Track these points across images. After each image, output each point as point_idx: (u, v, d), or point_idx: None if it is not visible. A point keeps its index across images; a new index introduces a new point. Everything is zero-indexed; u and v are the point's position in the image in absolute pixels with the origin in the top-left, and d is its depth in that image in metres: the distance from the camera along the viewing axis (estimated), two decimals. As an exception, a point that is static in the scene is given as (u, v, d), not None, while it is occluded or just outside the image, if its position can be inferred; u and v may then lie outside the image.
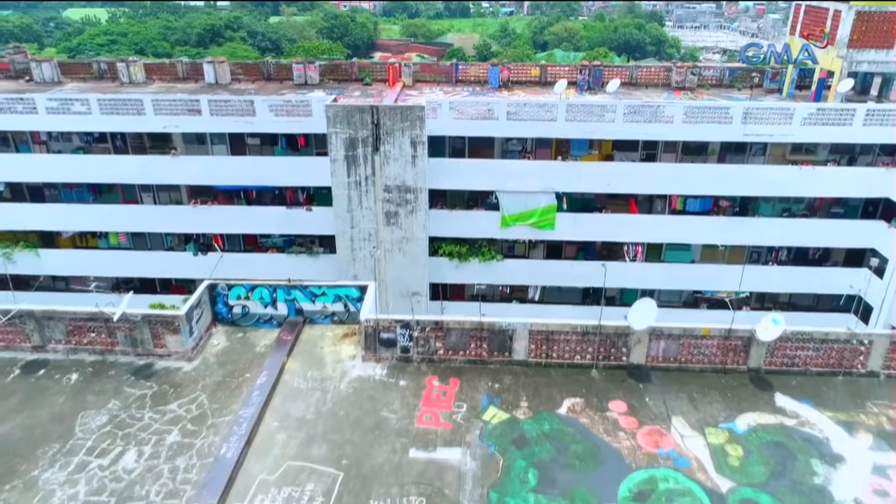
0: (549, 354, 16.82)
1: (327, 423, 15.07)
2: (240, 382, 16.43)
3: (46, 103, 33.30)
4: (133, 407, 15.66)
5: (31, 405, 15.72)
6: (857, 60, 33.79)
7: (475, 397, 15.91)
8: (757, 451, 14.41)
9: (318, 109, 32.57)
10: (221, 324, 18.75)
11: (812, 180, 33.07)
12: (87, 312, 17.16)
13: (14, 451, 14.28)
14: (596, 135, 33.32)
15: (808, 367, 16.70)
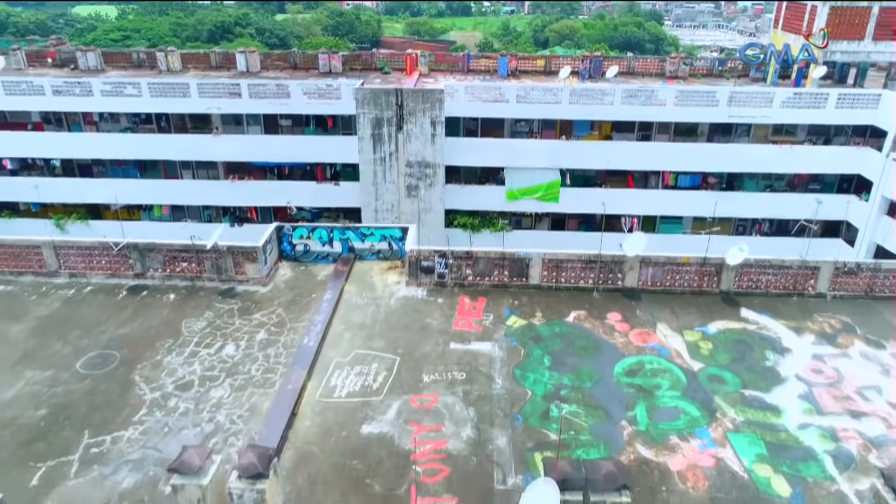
0: (559, 279, 20.89)
1: (383, 326, 19.11)
2: (308, 300, 20.46)
3: (101, 87, 37.33)
4: (225, 316, 19.68)
5: (143, 315, 19.72)
6: (832, 50, 37.92)
7: (499, 310, 19.95)
8: (723, 345, 18.45)
9: (347, 93, 36.66)
10: (286, 260, 22.78)
11: (791, 158, 37.16)
12: (181, 244, 21.21)
13: (138, 344, 18.27)
14: (596, 116, 37.45)
15: (769, 290, 20.77)
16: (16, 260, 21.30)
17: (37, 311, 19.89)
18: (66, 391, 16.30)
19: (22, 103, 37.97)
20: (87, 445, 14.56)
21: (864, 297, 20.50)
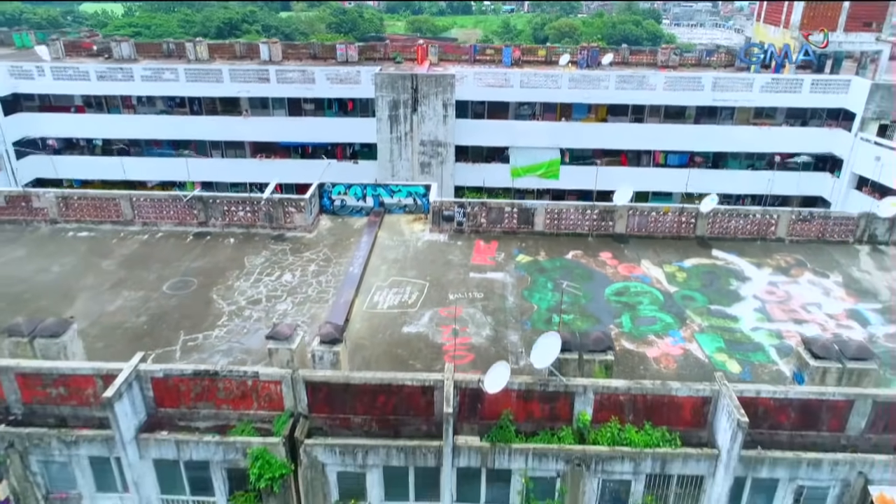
0: (559, 226, 24.85)
1: (413, 261, 23.05)
2: (348, 243, 24.39)
3: (142, 72, 41.31)
4: (279, 254, 23.60)
5: (210, 254, 23.64)
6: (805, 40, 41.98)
7: (509, 250, 23.90)
8: (695, 275, 22.42)
9: (366, 78, 40.68)
10: (325, 213, 26.72)
11: (770, 138, 41.25)
12: (239, 196, 25.16)
13: (210, 273, 22.16)
14: (593, 100, 41.51)
15: (737, 235, 24.74)
16: (97, 210, 25.24)
17: (119, 250, 23.85)
18: (159, 305, 20.26)
19: (69, 87, 41.91)
20: (184, 341, 18.51)
21: (816, 241, 24.53)
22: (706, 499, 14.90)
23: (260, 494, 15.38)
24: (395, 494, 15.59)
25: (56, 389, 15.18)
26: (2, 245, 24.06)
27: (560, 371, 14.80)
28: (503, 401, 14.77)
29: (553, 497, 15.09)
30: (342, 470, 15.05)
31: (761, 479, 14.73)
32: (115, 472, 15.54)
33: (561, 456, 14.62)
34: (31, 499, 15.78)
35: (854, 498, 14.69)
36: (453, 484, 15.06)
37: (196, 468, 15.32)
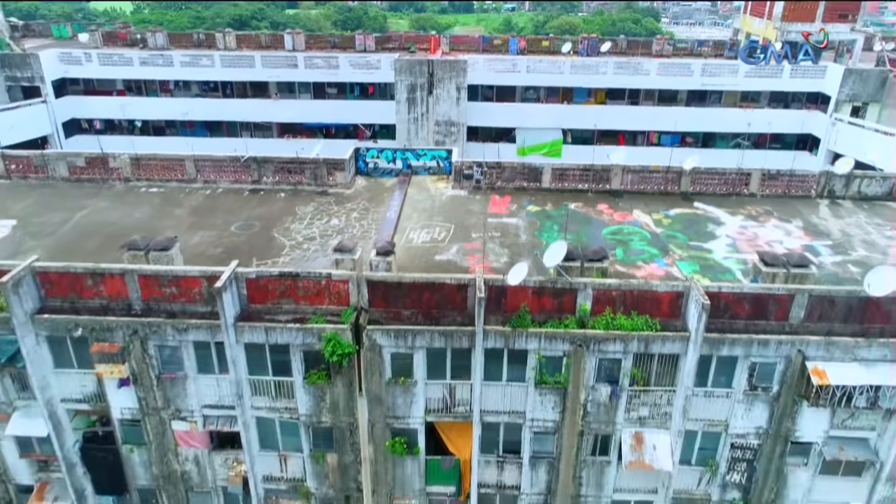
0: (563, 183, 29.20)
1: (439, 210, 27.37)
2: (383, 196, 28.71)
3: (181, 58, 45.71)
4: (325, 205, 27.90)
5: (265, 205, 27.94)
6: (788, 30, 46.43)
7: (520, 202, 28.23)
8: (678, 220, 26.75)
9: (386, 65, 45.09)
10: (360, 175, 31.05)
11: (754, 120, 45.67)
12: (288, 157, 29.51)
13: (268, 219, 26.43)
14: (593, 85, 45.94)
15: (715, 191, 29.07)
16: (165, 170, 29.58)
17: (188, 202, 28.19)
18: (230, 240, 24.59)
19: (113, 72, 46.31)
20: (257, 265, 22.79)
21: (783, 196, 28.90)
22: (680, 373, 19.25)
23: (329, 373, 19.75)
24: (435, 374, 19.93)
25: (170, 289, 19.52)
26: (86, 198, 28.38)
27: (566, 274, 19.17)
28: (521, 295, 19.13)
29: (560, 372, 19.44)
30: (395, 351, 19.39)
31: (723, 356, 19.07)
32: (214, 356, 19.88)
33: (566, 338, 18.97)
34: (147, 378, 20.12)
35: (795, 371, 19.05)
36: (481, 364, 19.38)
37: (279, 352, 19.67)
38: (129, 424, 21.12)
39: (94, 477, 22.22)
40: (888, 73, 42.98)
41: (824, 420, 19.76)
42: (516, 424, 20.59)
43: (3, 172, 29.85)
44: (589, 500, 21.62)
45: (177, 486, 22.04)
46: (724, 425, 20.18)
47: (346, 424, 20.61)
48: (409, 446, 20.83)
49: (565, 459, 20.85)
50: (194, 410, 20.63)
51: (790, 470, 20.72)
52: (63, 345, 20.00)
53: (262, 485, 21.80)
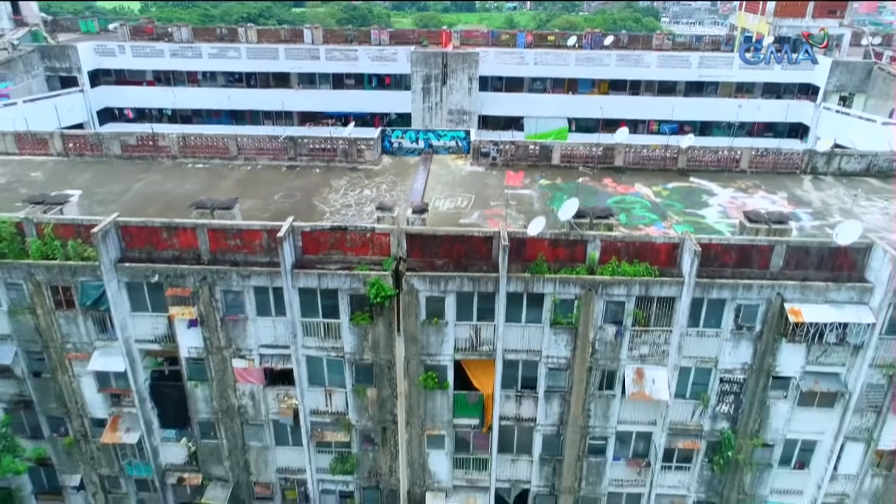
0: (572, 161, 32.41)
1: (460, 183, 30.56)
2: (408, 172, 31.91)
3: (209, 50, 48.93)
4: (357, 178, 31.08)
5: (302, 178, 31.12)
6: (780, 25, 49.73)
7: (533, 177, 31.43)
8: (676, 192, 29.95)
9: (402, 57, 48.32)
10: (385, 154, 34.25)
11: (748, 109, 48.91)
12: (322, 137, 32.71)
13: (307, 190, 29.61)
14: (597, 76, 49.19)
15: (709, 167, 32.28)
16: (209, 148, 32.77)
17: (232, 176, 31.40)
18: (276, 207, 27.77)
19: (145, 63, 49.52)
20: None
21: (771, 172, 32.14)
22: (675, 314, 22.45)
23: (371, 315, 22.95)
24: (463, 316, 23.13)
25: (234, 241, 22.72)
26: (139, 173, 31.57)
27: (577, 228, 22.39)
28: (539, 246, 22.35)
29: (572, 313, 22.65)
30: (429, 295, 22.59)
31: (713, 299, 22.28)
32: (272, 300, 23.06)
33: (578, 283, 22.18)
34: (212, 320, 23.32)
35: (774, 312, 22.26)
36: (504, 307, 22.56)
37: (328, 296, 22.86)
38: (194, 362, 24.30)
39: (160, 411, 25.41)
40: (873, 64, 46.25)
41: (801, 356, 22.96)
42: (533, 362, 23.79)
43: (62, 150, 33.04)
44: (596, 430, 24.83)
45: (233, 419, 25.22)
46: (714, 362, 23.38)
47: (385, 361, 23.81)
48: (439, 381, 24.02)
49: (576, 393, 24.06)
50: (252, 349, 23.82)
51: (772, 402, 23.92)
52: (140, 290, 23.18)
53: (310, 418, 24.99)
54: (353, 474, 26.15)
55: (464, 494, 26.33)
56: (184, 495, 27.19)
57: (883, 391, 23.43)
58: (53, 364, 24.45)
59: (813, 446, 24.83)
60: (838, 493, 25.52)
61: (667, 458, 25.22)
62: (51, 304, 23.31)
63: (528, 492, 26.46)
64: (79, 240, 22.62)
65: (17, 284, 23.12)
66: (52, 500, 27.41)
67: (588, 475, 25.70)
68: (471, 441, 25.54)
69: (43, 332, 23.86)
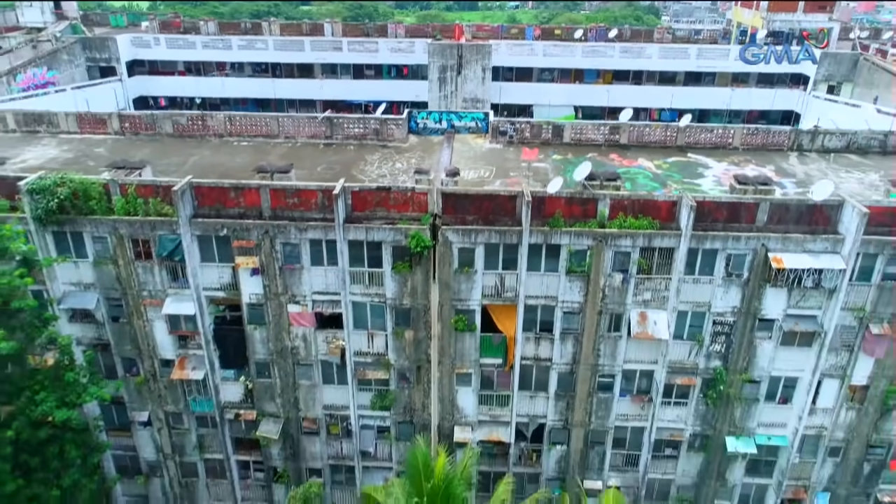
0: (581, 138, 36.22)
1: (481, 158, 34.34)
2: (433, 149, 35.68)
3: (238, 42, 52.74)
4: (388, 154, 34.85)
5: (339, 154, 34.86)
6: (773, 19, 53.58)
7: (547, 153, 35.21)
8: (675, 166, 33.74)
9: (419, 49, 52.12)
10: (411, 133, 38.02)
11: (742, 98, 52.72)
12: (356, 116, 36.47)
13: (345, 163, 33.37)
14: (601, 66, 53.00)
15: (706, 145, 36.09)
16: (252, 128, 36.54)
17: (275, 151, 35.16)
18: (320, 176, 31.43)
19: (178, 55, 53.28)
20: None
21: (761, 149, 35.95)
22: (674, 263, 26.22)
23: (411, 264, 26.72)
24: (490, 265, 26.87)
25: (293, 199, 26.47)
26: (191, 149, 35.31)
27: (589, 188, 26.17)
28: (556, 204, 26.13)
29: (585, 262, 26.42)
30: (461, 246, 26.36)
31: (706, 249, 26.06)
32: (325, 251, 26.80)
33: (590, 236, 25.96)
34: (272, 269, 27.07)
35: (760, 261, 26.04)
36: (525, 257, 26.32)
37: (373, 248, 26.63)
38: (254, 308, 28.05)
39: (221, 353, 29.16)
40: (859, 56, 50.09)
41: (782, 300, 26.75)
42: (550, 306, 27.56)
43: (119, 129, 36.80)
44: (605, 368, 28.60)
45: (286, 359, 28.97)
46: (708, 306, 27.17)
47: (421, 306, 27.58)
48: (468, 324, 27.79)
49: (587, 335, 27.84)
50: (306, 295, 27.58)
51: (758, 342, 27.70)
52: (209, 243, 26.94)
53: (354, 358, 28.75)
54: (390, 410, 29.90)
55: (487, 428, 30.09)
56: (239, 430, 30.94)
57: (854, 332, 27.23)
58: (130, 310, 28.18)
59: (794, 383, 28.59)
60: (817, 425, 29.30)
61: (666, 394, 28.99)
62: (131, 255, 27.04)
63: (544, 426, 30.23)
64: (158, 198, 26.37)
65: (103, 238, 26.85)
66: (122, 435, 31.10)
67: (597, 410, 29.47)
68: (494, 379, 29.31)
69: (122, 281, 27.59)
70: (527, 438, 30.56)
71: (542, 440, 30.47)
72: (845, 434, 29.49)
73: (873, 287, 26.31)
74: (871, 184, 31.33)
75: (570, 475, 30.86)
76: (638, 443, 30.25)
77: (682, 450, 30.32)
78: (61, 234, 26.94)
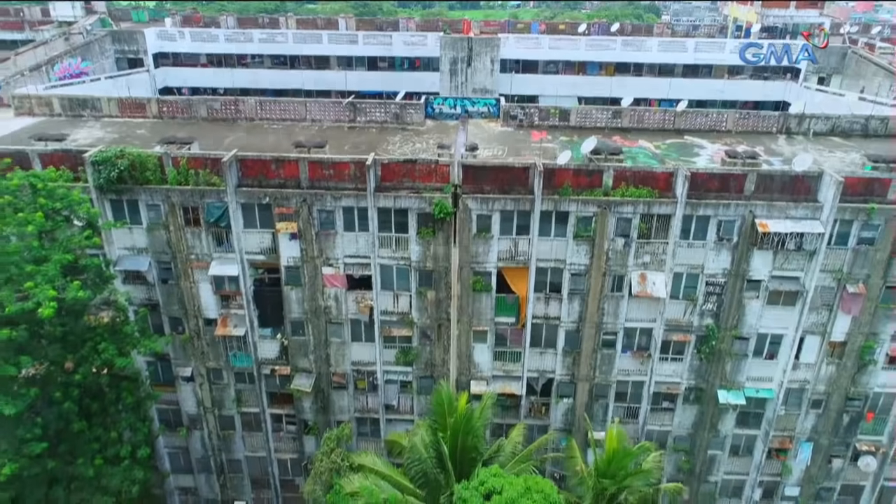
0: (586, 122, 39.41)
1: (495, 139, 37.50)
2: (450, 132, 38.85)
3: (259, 35, 55.91)
4: (408, 135, 37.99)
5: (363, 136, 38.01)
6: (766, 14, 56.82)
7: (555, 135, 38.41)
8: (672, 146, 36.90)
9: (431, 42, 55.32)
10: (428, 118, 41.20)
11: (736, 88, 55.92)
12: (378, 101, 39.66)
13: (370, 142, 36.50)
14: (604, 59, 56.20)
15: (701, 128, 39.32)
16: (281, 111, 39.72)
17: (303, 133, 38.33)
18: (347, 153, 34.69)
19: (202, 47, 56.44)
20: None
21: (752, 132, 39.15)
22: (671, 228, 29.40)
23: (434, 230, 29.89)
24: (505, 231, 30.06)
25: (328, 171, 29.64)
26: (225, 131, 38.45)
27: (595, 161, 29.35)
28: (565, 175, 29.32)
29: (591, 227, 29.60)
30: (479, 213, 29.54)
31: (700, 216, 29.25)
32: (357, 218, 29.98)
33: (595, 203, 29.14)
34: (308, 234, 30.24)
35: (747, 226, 29.23)
36: (537, 223, 29.49)
37: (400, 215, 29.80)
38: (291, 270, 31.21)
39: (260, 312, 32.32)
40: (848, 49, 53.32)
41: (768, 262, 29.93)
42: (559, 269, 30.74)
43: (157, 113, 39.96)
44: (608, 326, 31.78)
45: (319, 317, 32.13)
46: (701, 268, 30.35)
47: (443, 268, 30.75)
48: (485, 285, 30.97)
49: (592, 295, 31.02)
50: (339, 258, 30.74)
51: (747, 301, 30.88)
52: (252, 210, 30.11)
53: (380, 317, 31.91)
54: (412, 365, 33.06)
55: (501, 383, 33.26)
56: (274, 385, 34.11)
57: (833, 292, 30.42)
58: (178, 272, 31.34)
59: (779, 339, 31.77)
60: (800, 379, 32.49)
61: (664, 350, 32.18)
62: (181, 221, 30.20)
63: (552, 380, 33.40)
64: (206, 170, 29.53)
65: (156, 205, 30.02)
66: (166, 389, 34.21)
67: (601, 365, 32.65)
68: (508, 337, 32.48)
69: (172, 245, 30.75)
70: (536, 392, 33.72)
71: (551, 394, 33.63)
72: (826, 387, 32.67)
73: (850, 250, 29.50)
74: (851, 162, 34.50)
75: (575, 427, 34.02)
76: (638, 396, 33.42)
77: (678, 402, 33.49)
78: (118, 203, 30.10)
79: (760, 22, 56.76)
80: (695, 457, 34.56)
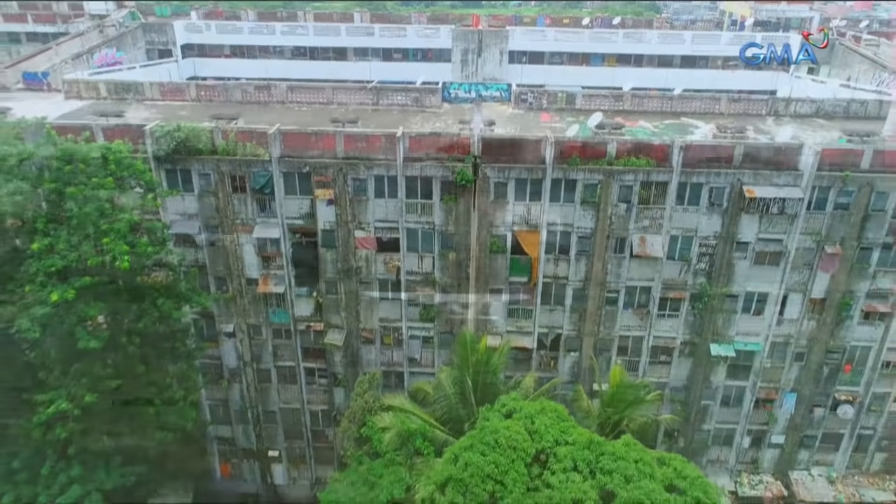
0: (590, 106, 43.19)
1: (507, 120, 41.22)
2: (465, 114, 42.61)
3: (281, 28, 59.73)
4: (427, 117, 41.75)
5: (385, 116, 41.77)
6: (759, 8, 60.63)
7: (562, 116, 42.19)
8: (670, 126, 40.65)
9: (444, 34, 59.13)
10: (444, 102, 44.96)
11: (730, 79, 59.74)
12: (398, 86, 43.44)
13: (392, 123, 40.25)
14: (606, 51, 60.03)
15: (696, 111, 43.11)
16: (309, 95, 43.49)
17: (332, 114, 42.06)
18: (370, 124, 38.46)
19: (226, 39, 60.27)
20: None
21: (743, 114, 42.97)
22: (668, 195, 33.18)
23: (456, 196, 33.66)
24: (519, 197, 33.82)
25: (361, 143, 33.40)
26: (258, 113, 42.09)
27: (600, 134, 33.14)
28: (573, 147, 33.10)
29: (596, 193, 33.37)
30: (496, 180, 33.32)
31: (693, 183, 33.04)
32: (386, 185, 33.74)
33: (600, 172, 32.92)
34: (343, 200, 34.00)
35: (736, 193, 33.01)
36: (548, 190, 33.26)
37: (425, 183, 33.57)
38: (327, 233, 34.95)
39: (297, 273, 36.07)
40: (836, 41, 57.13)
41: (755, 226, 33.70)
42: (567, 232, 34.50)
43: (195, 97, 43.71)
44: (611, 284, 35.54)
45: (351, 277, 35.87)
46: (695, 231, 34.11)
47: (463, 232, 34.51)
48: (500, 247, 34.72)
49: (597, 255, 34.78)
50: (370, 223, 34.49)
51: (736, 261, 34.64)
52: (292, 179, 33.87)
53: (406, 277, 35.67)
54: (434, 322, 36.81)
55: (514, 337, 36.97)
56: (308, 340, 37.85)
57: (813, 252, 34.20)
58: (224, 235, 35.07)
59: (765, 297, 35.53)
60: (784, 334, 36.27)
61: (661, 307, 35.94)
62: (229, 189, 33.94)
63: (560, 336, 37.15)
64: (252, 142, 33.29)
65: (207, 174, 33.76)
66: (210, 345, 37.91)
67: (605, 321, 36.41)
68: (520, 295, 36.23)
69: (220, 211, 34.48)
70: (546, 347, 37.48)
71: (559, 348, 37.39)
72: (807, 341, 36.45)
73: (827, 215, 33.29)
74: (832, 139, 38.30)
75: (581, 379, 37.78)
76: (638, 350, 37.19)
77: (674, 356, 37.25)
78: (172, 172, 33.84)
79: (754, 16, 60.53)
80: (689, 407, 38.32)
